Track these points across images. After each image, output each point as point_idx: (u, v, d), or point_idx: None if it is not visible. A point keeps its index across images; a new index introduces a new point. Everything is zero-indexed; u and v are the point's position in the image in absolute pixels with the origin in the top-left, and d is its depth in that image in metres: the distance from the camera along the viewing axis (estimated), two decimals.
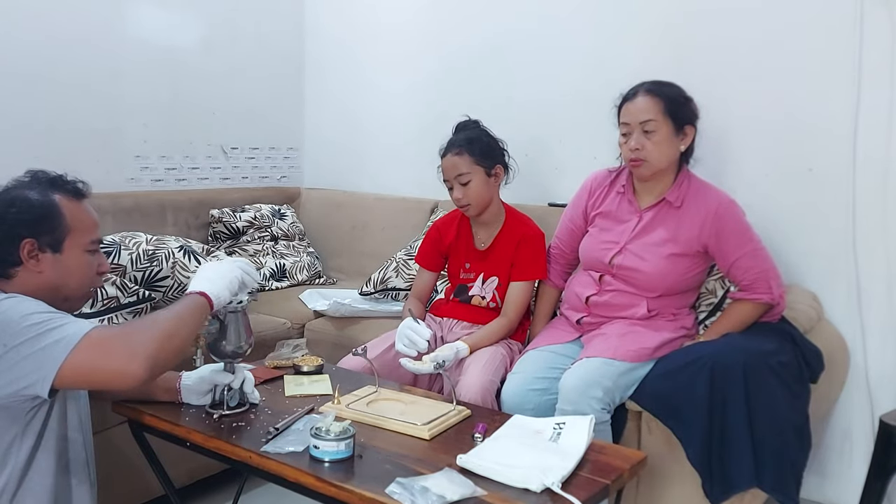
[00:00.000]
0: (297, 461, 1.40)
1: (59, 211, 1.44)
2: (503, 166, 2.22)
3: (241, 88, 3.41)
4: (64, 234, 1.43)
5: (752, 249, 1.96)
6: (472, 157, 2.15)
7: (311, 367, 1.94)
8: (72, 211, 1.45)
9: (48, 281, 1.42)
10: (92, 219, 1.50)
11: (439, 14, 3.18)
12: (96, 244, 1.51)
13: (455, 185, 2.17)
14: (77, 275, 1.46)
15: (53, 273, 1.43)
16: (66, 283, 1.45)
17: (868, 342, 2.26)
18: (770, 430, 1.78)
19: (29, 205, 1.42)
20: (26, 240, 1.40)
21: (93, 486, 1.54)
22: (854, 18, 2.19)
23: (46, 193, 1.44)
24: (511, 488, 1.30)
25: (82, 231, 1.46)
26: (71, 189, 1.48)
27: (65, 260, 1.44)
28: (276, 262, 3.10)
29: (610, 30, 2.70)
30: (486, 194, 2.17)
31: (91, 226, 1.49)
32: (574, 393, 1.78)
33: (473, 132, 2.22)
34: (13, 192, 1.44)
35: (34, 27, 2.65)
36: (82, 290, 1.50)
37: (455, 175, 2.16)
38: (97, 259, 1.51)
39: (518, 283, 2.18)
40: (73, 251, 1.45)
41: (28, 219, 1.41)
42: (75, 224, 1.45)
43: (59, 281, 1.44)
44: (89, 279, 1.50)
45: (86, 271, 1.48)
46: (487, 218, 2.24)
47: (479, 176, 2.15)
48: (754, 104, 2.38)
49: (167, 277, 2.42)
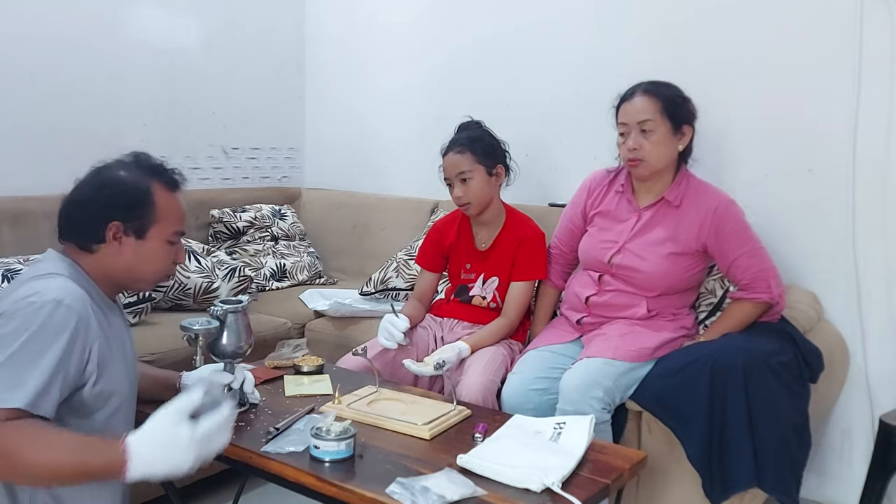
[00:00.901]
0: (298, 461, 1.41)
1: (152, 199, 1.44)
2: (504, 167, 2.22)
3: (242, 88, 3.42)
4: (151, 222, 1.44)
5: (752, 249, 1.96)
6: (474, 155, 2.15)
7: (311, 367, 1.94)
8: (164, 201, 1.45)
9: (125, 263, 1.43)
10: (181, 211, 1.51)
11: (439, 14, 3.19)
12: (179, 236, 1.51)
13: (456, 183, 2.17)
14: (154, 263, 1.47)
15: (132, 257, 1.43)
16: (141, 269, 1.46)
17: (868, 342, 2.26)
18: (770, 430, 1.78)
19: (123, 188, 1.42)
20: (113, 222, 1.40)
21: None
22: (854, 18, 2.19)
23: (144, 179, 1.44)
24: (511, 488, 1.30)
25: (169, 222, 1.46)
26: (168, 179, 1.48)
27: (146, 246, 1.44)
28: (277, 262, 3.10)
29: (609, 30, 2.70)
30: (486, 193, 2.18)
31: (179, 218, 1.50)
32: (574, 393, 1.79)
33: (476, 132, 2.22)
34: (111, 173, 1.45)
35: (34, 28, 2.65)
36: (155, 277, 1.51)
37: (456, 173, 2.16)
38: (175, 249, 1.51)
39: (518, 284, 2.18)
40: (155, 240, 1.45)
41: (120, 202, 1.41)
42: (163, 214, 1.45)
43: (136, 265, 1.45)
44: (164, 268, 1.50)
45: (163, 261, 1.48)
46: (488, 218, 2.24)
47: (479, 175, 2.15)
48: (754, 104, 2.38)
49: (167, 277, 2.42)
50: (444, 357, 1.91)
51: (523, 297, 2.19)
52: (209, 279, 2.55)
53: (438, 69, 3.20)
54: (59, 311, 1.28)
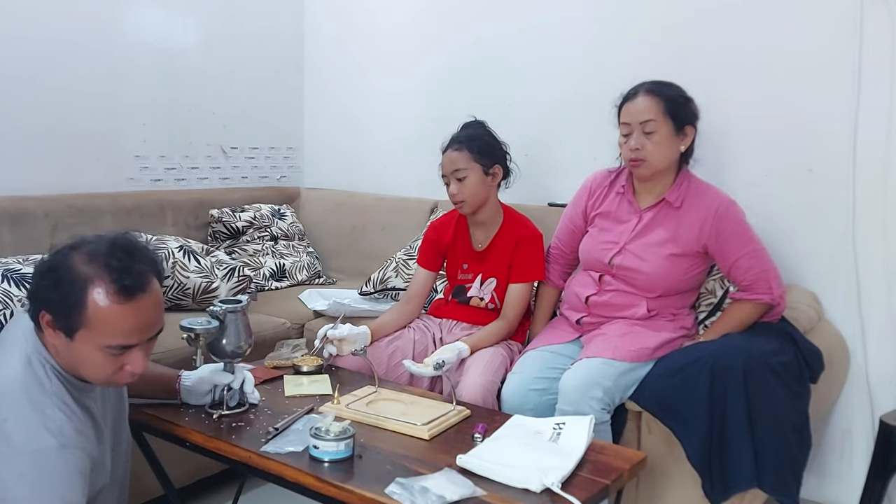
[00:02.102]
0: (297, 461, 1.40)
1: (83, 304, 1.24)
2: (503, 167, 2.21)
3: (241, 88, 3.41)
4: (78, 325, 1.25)
5: (753, 250, 1.96)
6: (471, 153, 2.14)
7: (310, 367, 1.94)
8: (99, 310, 1.24)
9: (63, 355, 1.30)
10: (125, 324, 1.26)
11: (438, 14, 3.18)
12: (119, 350, 1.28)
13: (451, 180, 2.16)
14: (89, 368, 1.30)
15: (66, 353, 1.29)
16: (80, 368, 1.30)
17: (868, 342, 2.26)
18: (770, 431, 1.78)
19: (60, 278, 1.26)
20: (44, 311, 1.27)
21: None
22: (854, 18, 2.19)
23: (86, 278, 1.25)
24: (511, 488, 1.30)
25: (101, 334, 1.26)
26: (121, 285, 1.25)
27: (76, 348, 1.27)
28: (276, 262, 3.10)
29: (609, 30, 2.69)
30: (481, 192, 2.17)
31: (117, 332, 1.26)
32: (574, 393, 1.78)
33: (476, 130, 2.22)
34: (64, 257, 1.28)
35: (33, 28, 2.65)
36: (98, 382, 1.34)
37: (452, 170, 2.15)
38: (121, 360, 1.30)
39: (516, 286, 2.18)
40: (86, 345, 1.26)
41: (51, 294, 1.26)
42: (94, 324, 1.25)
43: (73, 363, 1.30)
44: (105, 376, 1.31)
45: (100, 368, 1.29)
46: (484, 218, 2.23)
47: (475, 173, 2.14)
48: (754, 104, 2.38)
49: (167, 277, 2.42)
50: (443, 357, 1.90)
51: (522, 299, 2.18)
52: (208, 279, 2.55)
53: (438, 70, 3.20)
54: (65, 454, 1.24)
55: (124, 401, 1.54)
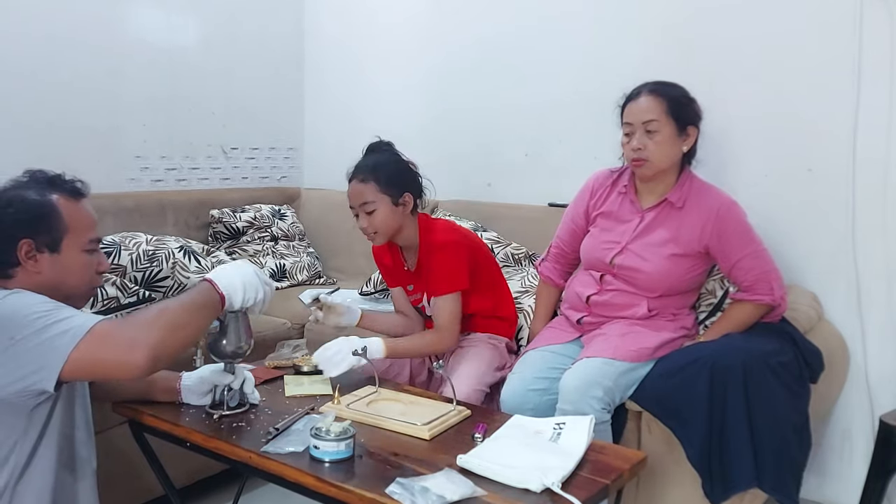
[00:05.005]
0: (297, 461, 1.40)
1: (57, 210, 1.42)
2: (414, 192, 2.05)
3: (241, 88, 3.42)
4: (62, 233, 1.42)
5: (754, 251, 1.96)
6: (378, 185, 1.98)
7: (311, 367, 1.94)
8: (70, 210, 1.44)
9: (47, 280, 1.41)
10: (90, 218, 1.48)
11: (439, 14, 3.18)
12: (95, 243, 1.49)
13: (360, 213, 2.01)
14: (76, 274, 1.45)
15: (52, 273, 1.41)
16: (65, 283, 1.43)
17: (868, 342, 2.26)
18: (770, 431, 1.78)
19: (26, 205, 1.40)
20: (23, 240, 1.38)
21: (94, 484, 1.54)
22: (854, 18, 2.19)
23: (44, 193, 1.43)
24: (511, 488, 1.30)
25: (80, 230, 1.44)
26: (69, 188, 1.46)
27: (63, 259, 1.42)
28: (276, 263, 3.10)
29: (610, 30, 2.70)
30: (392, 223, 2.01)
31: (89, 225, 1.47)
32: (574, 393, 1.78)
33: (382, 156, 2.07)
34: (10, 193, 1.43)
35: (34, 27, 2.65)
36: (82, 290, 1.49)
37: (360, 203, 2.00)
38: (96, 258, 1.49)
39: (434, 300, 2.03)
40: (72, 251, 1.43)
41: (25, 219, 1.39)
42: (73, 223, 1.43)
43: (58, 280, 1.42)
44: (89, 278, 1.48)
45: (85, 271, 1.46)
46: (404, 242, 2.11)
47: (384, 205, 1.99)
48: (754, 104, 2.38)
49: (167, 278, 2.42)
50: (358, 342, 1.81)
51: (445, 312, 2.00)
52: None
53: (438, 69, 3.20)
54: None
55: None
